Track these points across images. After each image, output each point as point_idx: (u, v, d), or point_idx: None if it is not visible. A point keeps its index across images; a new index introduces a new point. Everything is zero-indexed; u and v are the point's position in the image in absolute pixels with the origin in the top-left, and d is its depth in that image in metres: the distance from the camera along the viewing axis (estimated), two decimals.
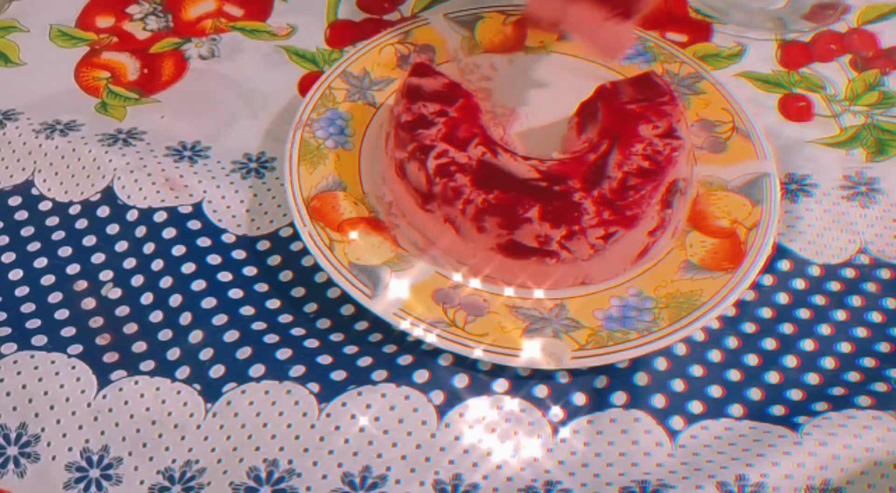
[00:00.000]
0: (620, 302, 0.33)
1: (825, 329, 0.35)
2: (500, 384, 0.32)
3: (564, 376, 0.33)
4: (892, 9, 0.47)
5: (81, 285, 0.35)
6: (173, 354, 0.33)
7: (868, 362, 0.34)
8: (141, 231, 0.36)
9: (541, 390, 0.32)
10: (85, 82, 0.42)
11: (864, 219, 0.38)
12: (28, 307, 0.34)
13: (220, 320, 0.34)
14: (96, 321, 0.34)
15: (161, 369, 0.32)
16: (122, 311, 0.34)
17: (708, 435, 0.31)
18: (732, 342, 0.34)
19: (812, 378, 0.33)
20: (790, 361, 0.34)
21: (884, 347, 0.34)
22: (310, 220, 0.35)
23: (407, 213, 0.36)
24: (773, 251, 0.36)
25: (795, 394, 0.33)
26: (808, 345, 0.34)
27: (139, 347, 0.33)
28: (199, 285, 0.35)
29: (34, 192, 0.38)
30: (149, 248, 0.35)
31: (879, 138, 0.41)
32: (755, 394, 0.32)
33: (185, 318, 0.34)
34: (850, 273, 0.36)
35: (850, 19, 0.46)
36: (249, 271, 0.35)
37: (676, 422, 0.31)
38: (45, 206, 0.37)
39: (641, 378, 0.32)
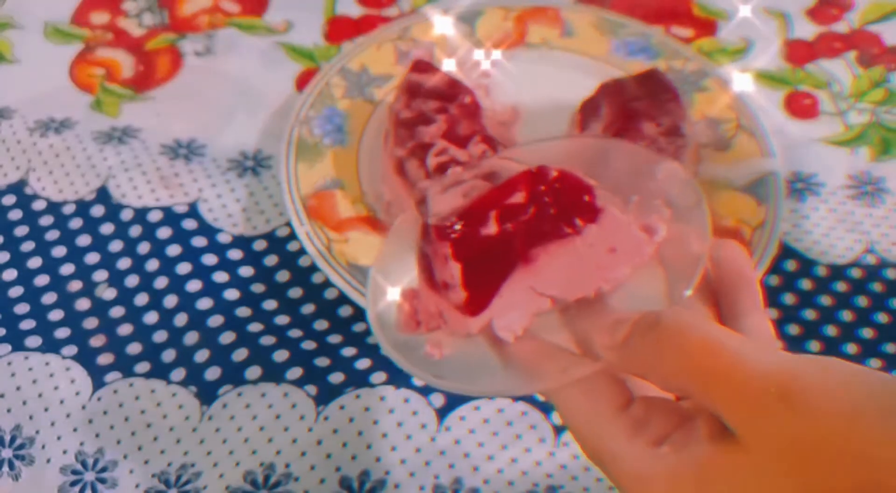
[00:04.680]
0: None
1: (831, 330, 0.34)
2: None
3: None
4: (895, 9, 0.46)
5: (76, 285, 0.34)
6: (169, 355, 0.32)
7: (874, 362, 0.33)
8: (136, 231, 0.35)
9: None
10: (79, 79, 0.42)
11: (871, 218, 0.37)
12: (22, 308, 0.34)
13: (216, 321, 0.33)
14: (91, 322, 0.33)
15: (156, 371, 0.32)
16: (117, 312, 0.33)
17: None
18: None
19: None
20: None
21: (890, 348, 0.34)
22: (307, 219, 0.34)
23: (406, 212, 0.35)
24: (778, 251, 0.35)
25: None
26: (814, 346, 0.33)
27: (134, 348, 0.32)
28: (194, 285, 0.34)
29: (28, 191, 0.37)
30: (144, 248, 0.35)
31: (885, 137, 0.41)
32: None
33: (181, 319, 0.33)
34: (856, 273, 0.36)
35: (853, 19, 0.46)
36: (246, 271, 0.35)
37: None
38: (38, 205, 0.37)
39: None
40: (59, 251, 0.35)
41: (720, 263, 0.22)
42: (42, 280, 0.34)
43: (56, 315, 0.33)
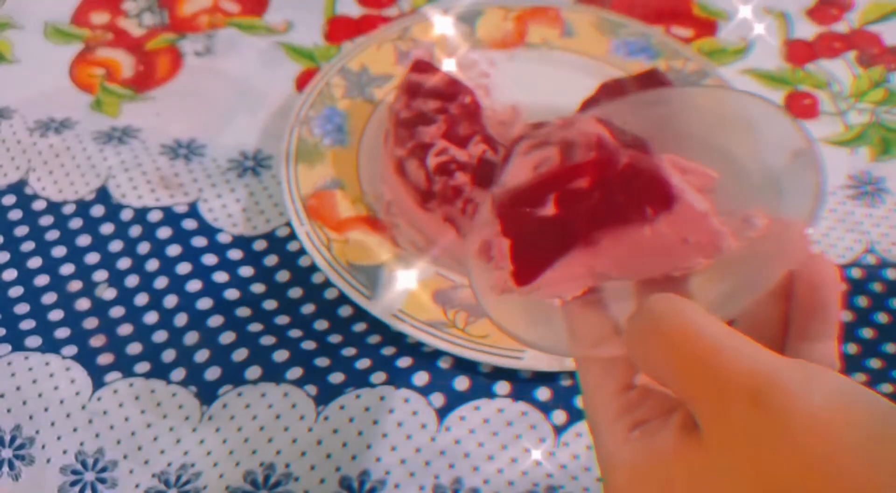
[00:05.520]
0: None
1: None
2: (502, 387, 0.32)
3: (567, 379, 0.32)
4: (895, 9, 0.46)
5: (76, 285, 0.34)
6: (169, 355, 0.32)
7: (874, 362, 0.33)
8: (136, 231, 0.35)
9: (543, 393, 0.32)
10: (79, 79, 0.42)
11: (871, 218, 0.38)
12: (22, 308, 0.34)
13: (216, 321, 0.33)
14: (91, 322, 0.33)
15: (156, 370, 0.32)
16: (117, 312, 0.33)
17: None
18: None
19: None
20: None
21: (890, 348, 0.34)
22: (307, 219, 0.34)
23: (406, 212, 0.35)
24: None
25: None
26: None
27: (134, 348, 0.32)
28: (194, 285, 0.34)
29: (28, 191, 0.37)
30: (143, 248, 0.35)
31: (885, 137, 0.41)
32: None
33: (181, 319, 0.33)
34: (856, 273, 0.36)
35: (853, 19, 0.46)
36: (246, 271, 0.35)
37: None
38: (38, 205, 0.37)
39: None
40: (59, 251, 0.35)
41: (808, 278, 0.20)
42: (42, 280, 0.34)
43: (56, 315, 0.33)
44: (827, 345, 0.20)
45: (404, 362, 0.32)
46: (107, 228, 0.36)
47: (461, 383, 0.32)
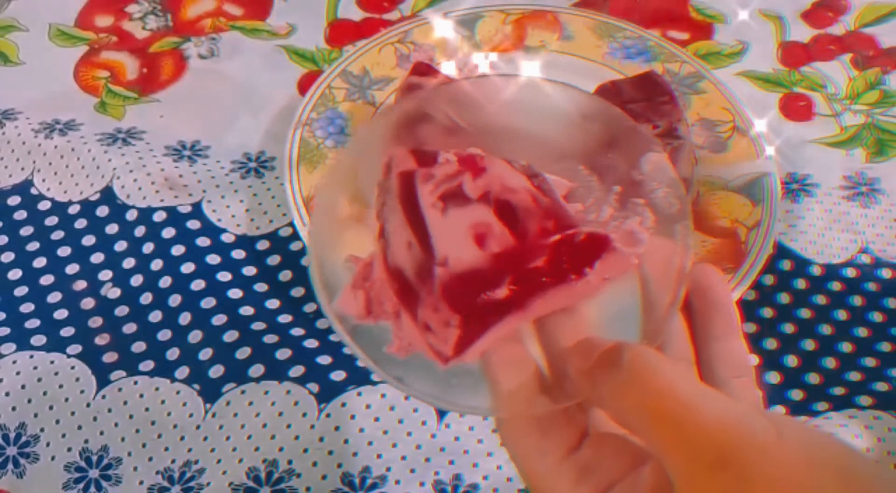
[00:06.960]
0: None
1: (826, 329, 0.34)
2: None
3: None
4: (891, 10, 0.47)
5: (80, 284, 0.35)
6: (173, 354, 0.32)
7: (869, 361, 0.34)
8: (140, 231, 0.36)
9: None
10: (84, 82, 0.42)
11: (866, 219, 0.38)
12: (27, 307, 0.34)
13: (219, 320, 0.33)
14: (95, 321, 0.33)
15: (160, 369, 0.32)
16: (122, 311, 0.34)
17: None
18: None
19: (813, 378, 0.33)
20: (791, 360, 0.33)
21: (885, 346, 0.34)
22: (309, 219, 0.35)
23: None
24: (774, 251, 0.36)
25: (796, 394, 0.33)
26: (808, 345, 0.34)
27: (138, 347, 0.33)
28: (198, 284, 0.34)
29: (33, 191, 0.37)
30: (148, 247, 0.35)
31: (879, 139, 0.41)
32: None
33: (185, 318, 0.33)
34: (851, 273, 0.36)
35: (848, 21, 0.46)
36: (249, 270, 0.35)
37: None
38: (44, 205, 0.37)
39: None
40: (64, 251, 0.36)
41: (697, 284, 0.21)
42: (47, 280, 0.35)
43: (61, 314, 0.34)
44: (733, 342, 0.20)
45: None
46: (111, 228, 0.36)
47: None
